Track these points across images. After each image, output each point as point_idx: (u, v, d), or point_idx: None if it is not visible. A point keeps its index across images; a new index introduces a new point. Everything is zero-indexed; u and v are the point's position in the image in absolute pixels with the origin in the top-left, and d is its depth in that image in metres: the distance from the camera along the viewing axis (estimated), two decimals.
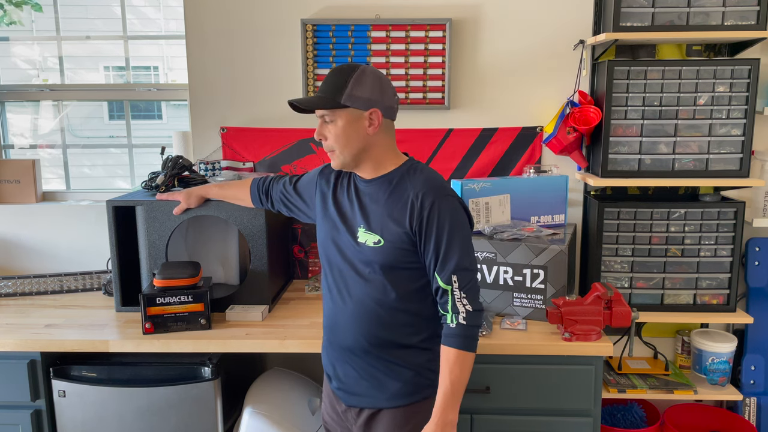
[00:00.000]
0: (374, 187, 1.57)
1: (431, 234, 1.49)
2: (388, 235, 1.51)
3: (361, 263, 1.56)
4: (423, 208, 1.49)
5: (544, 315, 2.00)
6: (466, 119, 2.47)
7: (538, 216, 2.34)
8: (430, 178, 1.54)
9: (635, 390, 2.30)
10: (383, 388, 1.58)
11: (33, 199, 2.67)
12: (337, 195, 1.65)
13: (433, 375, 1.58)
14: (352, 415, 1.64)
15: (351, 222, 1.58)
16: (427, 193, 1.49)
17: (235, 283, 2.29)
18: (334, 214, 1.63)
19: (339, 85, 1.48)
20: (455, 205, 1.53)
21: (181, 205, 2.07)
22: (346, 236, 1.58)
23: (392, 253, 1.52)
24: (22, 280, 2.42)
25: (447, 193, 1.52)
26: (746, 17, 2.13)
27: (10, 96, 2.76)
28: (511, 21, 2.41)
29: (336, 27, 2.42)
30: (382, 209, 1.54)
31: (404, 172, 1.55)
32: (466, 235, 1.53)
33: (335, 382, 1.66)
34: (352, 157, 1.54)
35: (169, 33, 3.15)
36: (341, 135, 1.50)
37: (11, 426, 1.99)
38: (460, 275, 1.50)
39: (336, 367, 1.66)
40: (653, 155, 2.22)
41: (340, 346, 1.63)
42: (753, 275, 2.44)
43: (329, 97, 1.48)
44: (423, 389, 1.58)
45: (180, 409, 1.97)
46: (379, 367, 1.58)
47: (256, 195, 1.98)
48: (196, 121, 2.54)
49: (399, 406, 1.57)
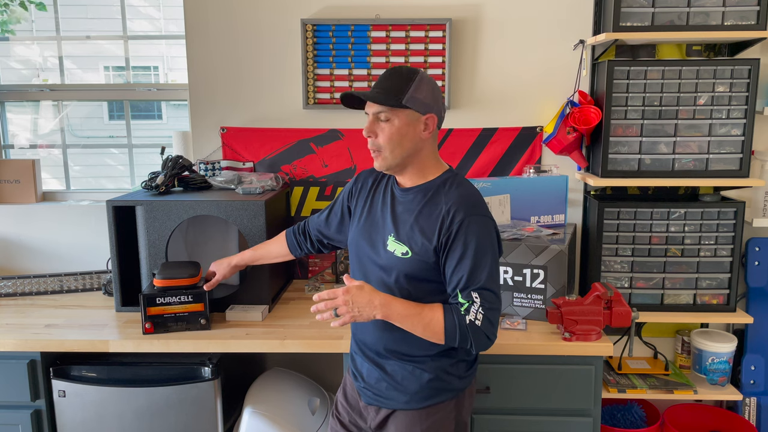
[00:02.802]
0: (410, 196, 1.57)
1: (456, 251, 1.47)
2: (416, 247, 1.51)
3: (386, 270, 1.55)
4: (452, 224, 1.47)
5: (544, 315, 2.00)
6: (466, 119, 2.47)
7: (538, 216, 2.34)
8: (464, 195, 1.51)
9: (635, 390, 2.30)
10: (402, 390, 1.58)
11: (33, 199, 2.67)
12: (375, 198, 1.65)
13: (452, 378, 1.58)
14: (371, 413, 1.65)
15: (382, 229, 1.59)
16: (459, 209, 1.48)
17: (235, 283, 2.29)
18: (368, 217, 1.63)
19: (401, 86, 1.48)
20: (487, 225, 1.50)
21: (217, 277, 2.02)
22: (376, 241, 1.59)
23: (418, 266, 1.51)
24: (22, 280, 2.42)
25: (480, 212, 1.50)
26: (746, 17, 2.13)
27: (10, 96, 2.76)
28: (511, 21, 2.41)
29: (336, 27, 2.42)
30: (413, 221, 1.53)
31: (440, 184, 1.55)
32: (494, 258, 1.50)
33: (360, 381, 1.67)
34: (400, 158, 1.52)
35: (169, 33, 3.15)
36: (395, 135, 1.50)
37: (11, 426, 1.99)
38: (483, 294, 1.45)
39: (361, 365, 1.66)
40: (653, 155, 2.22)
41: (365, 345, 1.64)
42: (753, 275, 2.44)
43: (392, 96, 1.48)
44: (440, 393, 1.58)
45: (180, 409, 1.97)
46: (400, 369, 1.58)
47: (293, 241, 1.95)
48: (196, 121, 2.54)
49: (414, 408, 1.57)
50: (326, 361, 2.54)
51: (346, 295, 1.44)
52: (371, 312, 1.45)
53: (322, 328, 2.02)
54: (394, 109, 1.49)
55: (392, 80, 1.50)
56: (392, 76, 1.51)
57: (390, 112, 1.49)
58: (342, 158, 2.52)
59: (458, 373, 1.60)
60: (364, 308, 1.45)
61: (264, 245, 2.02)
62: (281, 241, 1.98)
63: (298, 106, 2.49)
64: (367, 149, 2.53)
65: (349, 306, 1.44)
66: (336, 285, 2.49)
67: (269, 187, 2.31)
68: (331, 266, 2.57)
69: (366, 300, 1.45)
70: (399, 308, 1.46)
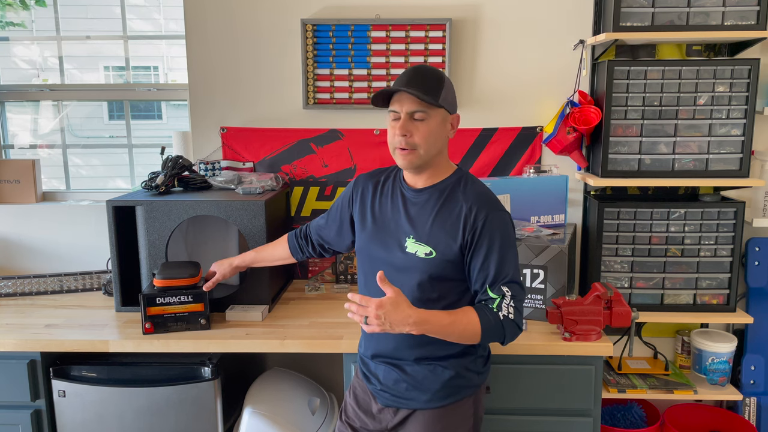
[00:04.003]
0: (425, 196, 1.57)
1: (482, 248, 1.49)
2: (440, 247, 1.51)
3: (407, 272, 1.54)
4: (476, 221, 1.49)
5: (544, 315, 2.00)
6: (466, 119, 2.46)
7: (538, 216, 2.34)
8: (482, 192, 1.55)
9: (635, 390, 2.30)
10: (423, 390, 1.57)
11: (33, 199, 2.67)
12: (382, 202, 1.64)
13: (471, 375, 1.58)
14: (388, 415, 1.63)
15: (396, 231, 1.58)
16: (481, 207, 1.50)
17: (235, 283, 2.29)
18: (377, 221, 1.62)
19: (436, 85, 1.49)
20: (507, 220, 1.54)
21: (216, 277, 2.02)
22: (390, 244, 1.58)
23: (442, 265, 1.52)
24: (22, 280, 2.42)
25: (499, 208, 1.53)
26: (746, 17, 2.13)
27: (10, 96, 2.76)
28: (511, 21, 2.41)
29: (336, 27, 2.42)
30: (432, 220, 1.53)
31: (454, 183, 1.56)
32: (515, 251, 1.54)
33: (375, 384, 1.65)
34: (431, 157, 1.53)
35: (169, 33, 3.15)
36: (432, 133, 1.50)
37: (11, 426, 1.99)
38: (512, 287, 1.49)
39: (375, 368, 1.64)
40: (653, 155, 2.22)
41: (381, 349, 1.62)
42: (753, 275, 2.44)
43: (432, 95, 1.48)
44: (461, 390, 1.58)
45: (180, 409, 1.97)
46: (420, 369, 1.57)
47: (295, 245, 1.95)
48: (196, 121, 2.54)
49: (435, 407, 1.57)
50: (326, 361, 2.54)
51: (380, 309, 1.37)
52: (404, 328, 1.40)
53: (322, 328, 2.02)
54: (432, 108, 1.49)
55: (427, 79, 1.50)
56: (425, 75, 1.50)
57: (428, 110, 1.49)
58: (342, 158, 2.52)
59: (477, 369, 1.61)
60: (397, 324, 1.39)
61: (266, 247, 2.02)
62: (283, 244, 1.98)
63: (298, 106, 2.49)
64: (366, 149, 2.53)
65: (381, 320, 1.37)
66: (337, 286, 2.49)
67: (269, 187, 2.31)
68: (331, 266, 2.57)
69: (400, 317, 1.38)
70: (435, 322, 1.43)
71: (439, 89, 1.49)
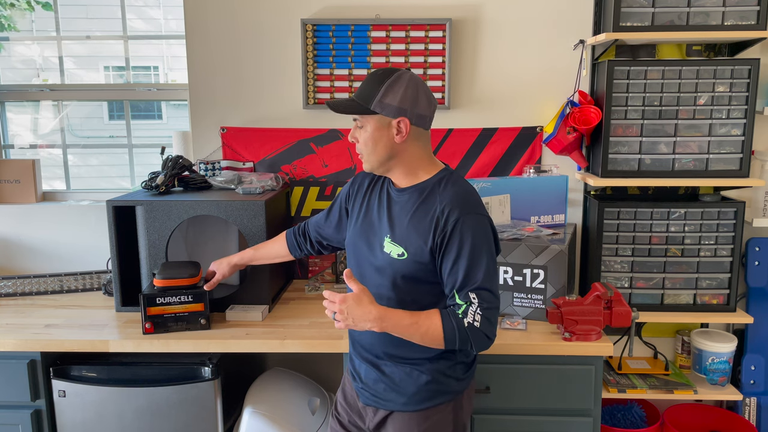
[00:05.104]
0: (405, 197, 1.55)
1: (451, 251, 1.45)
2: (411, 249, 1.49)
3: (383, 272, 1.54)
4: (447, 223, 1.45)
5: (544, 315, 2.00)
6: (466, 119, 2.47)
7: (538, 216, 2.34)
8: (459, 193, 1.49)
9: (635, 390, 2.30)
10: (399, 392, 1.57)
11: (33, 199, 2.67)
12: (371, 199, 1.64)
13: (450, 380, 1.57)
14: (370, 414, 1.65)
15: (378, 230, 1.57)
16: (454, 208, 1.45)
17: (235, 283, 2.29)
18: (365, 218, 1.62)
19: (371, 91, 1.47)
20: (482, 223, 1.47)
21: (217, 276, 2.03)
22: (373, 243, 1.58)
23: (414, 267, 1.50)
24: (22, 280, 2.42)
25: (475, 211, 1.47)
26: (746, 17, 2.13)
27: (10, 96, 2.76)
28: (511, 21, 2.41)
29: (336, 27, 2.42)
30: (408, 221, 1.52)
31: (435, 184, 1.53)
32: (490, 256, 1.47)
33: (358, 382, 1.66)
34: (379, 163, 1.53)
35: (169, 33, 3.15)
36: (369, 140, 1.50)
37: (11, 426, 1.99)
38: (481, 294, 1.43)
39: (359, 366, 1.66)
40: (653, 155, 2.22)
41: (362, 347, 1.63)
42: (753, 275, 2.44)
43: (360, 103, 1.48)
44: (438, 395, 1.57)
45: (180, 409, 1.97)
46: (397, 371, 1.57)
47: (293, 242, 1.95)
48: (196, 121, 2.54)
49: (412, 410, 1.57)
50: (326, 361, 2.54)
51: (342, 304, 1.42)
52: (366, 324, 1.43)
53: (322, 328, 2.02)
54: (365, 116, 1.49)
55: (364, 86, 1.50)
56: (368, 80, 1.50)
57: (362, 118, 1.50)
58: (342, 158, 2.52)
59: (456, 375, 1.59)
60: (358, 320, 1.42)
61: (264, 245, 2.02)
62: (281, 241, 1.98)
63: (298, 106, 2.49)
64: None
65: (344, 315, 1.42)
66: (336, 285, 2.49)
67: (269, 187, 2.31)
68: (331, 266, 2.57)
69: (361, 313, 1.42)
70: (395, 320, 1.44)
71: (373, 95, 1.46)
